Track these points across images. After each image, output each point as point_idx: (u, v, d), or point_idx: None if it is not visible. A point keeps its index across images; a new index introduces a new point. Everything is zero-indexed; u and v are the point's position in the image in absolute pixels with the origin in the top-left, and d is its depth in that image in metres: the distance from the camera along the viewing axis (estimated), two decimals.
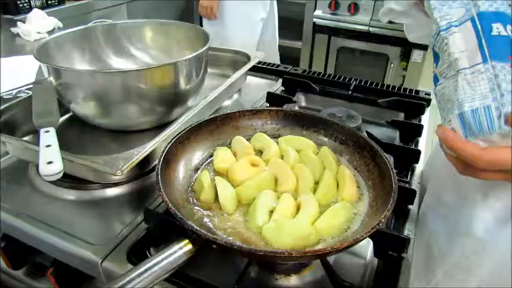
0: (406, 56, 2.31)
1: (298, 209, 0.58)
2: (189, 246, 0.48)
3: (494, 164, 0.42)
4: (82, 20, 1.24)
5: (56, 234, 0.63)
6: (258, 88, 1.10)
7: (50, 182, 0.72)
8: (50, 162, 0.57)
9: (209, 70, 0.89)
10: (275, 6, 2.18)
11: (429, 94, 1.01)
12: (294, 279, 0.58)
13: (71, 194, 0.71)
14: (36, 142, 0.64)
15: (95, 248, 0.60)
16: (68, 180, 0.71)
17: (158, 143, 0.69)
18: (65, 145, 0.63)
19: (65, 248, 0.61)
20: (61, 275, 0.65)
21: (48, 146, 0.62)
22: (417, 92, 1.02)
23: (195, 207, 0.59)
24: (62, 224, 0.64)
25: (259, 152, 0.71)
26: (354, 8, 2.28)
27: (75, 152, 0.65)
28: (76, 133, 0.85)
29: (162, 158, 0.60)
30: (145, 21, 0.98)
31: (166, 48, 0.98)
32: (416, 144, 0.86)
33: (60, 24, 1.61)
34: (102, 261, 0.58)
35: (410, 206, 0.68)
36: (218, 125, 0.73)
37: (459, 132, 0.44)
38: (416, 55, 2.27)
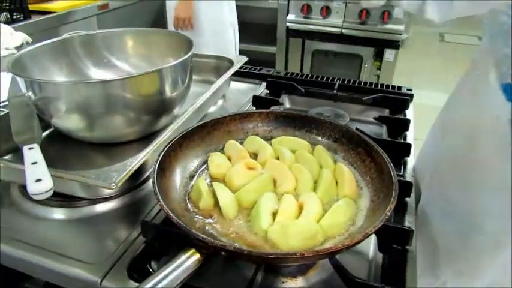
0: (379, 56, 2.36)
1: (300, 209, 0.57)
2: (197, 256, 0.46)
3: None
4: (50, 34, 1.20)
5: (47, 256, 0.59)
6: (242, 92, 1.09)
7: (36, 201, 0.68)
8: (38, 180, 0.54)
9: None
10: (235, 11, 2.20)
11: (411, 90, 1.02)
12: (300, 281, 0.57)
13: (59, 213, 0.68)
14: (18, 161, 0.61)
15: (92, 267, 0.57)
16: (55, 198, 0.67)
17: (150, 152, 0.67)
18: (48, 162, 0.60)
19: (58, 269, 0.58)
20: None
21: (34, 163, 0.59)
22: (399, 88, 1.03)
23: (195, 216, 0.58)
24: (53, 245, 0.61)
25: (254, 155, 0.70)
26: (326, 11, 2.31)
27: (60, 168, 0.62)
28: (58, 149, 0.81)
29: (156, 167, 0.58)
30: (125, 30, 0.96)
31: (147, 57, 0.96)
32: (405, 138, 0.87)
33: (29, 39, 1.55)
34: (101, 280, 0.55)
35: (407, 199, 0.69)
36: (209, 131, 0.71)
37: None
38: (388, 54, 2.32)
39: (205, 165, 0.68)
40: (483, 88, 0.57)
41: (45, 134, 0.84)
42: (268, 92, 1.05)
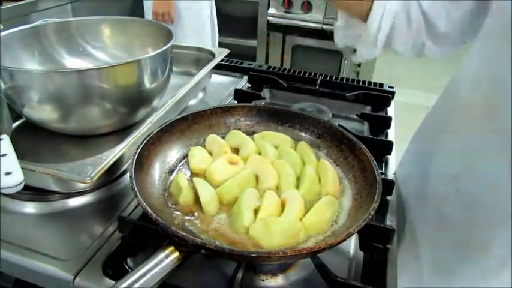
0: None
1: (283, 206, 0.56)
2: (176, 254, 0.45)
3: None
4: (23, 22, 1.14)
5: (17, 252, 0.57)
6: (223, 86, 1.07)
7: (5, 194, 0.65)
8: (8, 173, 0.51)
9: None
10: (213, 3, 2.18)
11: (393, 87, 1.03)
12: (280, 279, 0.56)
13: (30, 207, 0.65)
14: None
15: (64, 264, 0.54)
16: (26, 191, 0.64)
17: (126, 146, 0.64)
18: (19, 154, 0.57)
19: (29, 265, 0.55)
20: None
21: (4, 155, 0.56)
22: (381, 85, 1.03)
23: (175, 212, 0.56)
24: (24, 240, 0.58)
25: (235, 150, 0.68)
26: (307, 6, 2.30)
27: (32, 161, 0.59)
28: (30, 141, 0.77)
29: (134, 161, 0.56)
30: (102, 18, 0.92)
31: (125, 46, 0.92)
32: (386, 135, 0.87)
33: (0, 26, 1.48)
34: (74, 277, 0.52)
35: (388, 197, 0.68)
36: (190, 124, 0.69)
37: None
38: None
39: (185, 159, 0.66)
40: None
41: (15, 124, 0.80)
42: (249, 85, 1.04)
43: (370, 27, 0.64)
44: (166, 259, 0.44)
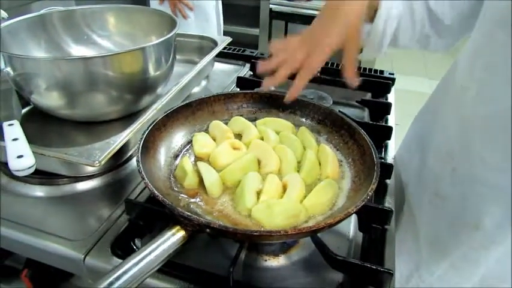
0: None
1: (284, 189, 0.58)
2: (182, 233, 0.47)
3: None
4: (24, 11, 1.15)
5: (29, 233, 0.59)
6: (226, 74, 1.09)
7: (15, 178, 0.67)
8: (20, 156, 0.53)
9: None
10: None
11: (393, 74, 1.04)
12: (282, 259, 0.58)
13: (40, 191, 0.67)
14: None
15: (75, 244, 0.57)
16: (36, 176, 0.66)
17: (133, 132, 0.66)
18: (28, 140, 0.59)
19: (41, 246, 0.58)
20: (37, 275, 0.62)
21: (15, 139, 0.58)
22: (382, 72, 1.05)
23: (180, 195, 0.58)
24: (34, 222, 0.61)
25: (238, 136, 0.70)
26: None
27: (41, 145, 0.61)
28: (38, 127, 0.79)
29: (141, 146, 0.58)
30: (106, 6, 0.94)
31: (130, 35, 0.94)
32: (386, 121, 0.88)
33: (5, 14, 1.49)
34: (85, 257, 0.55)
35: (387, 181, 0.70)
36: (194, 111, 0.71)
37: None
38: None
39: (190, 145, 0.68)
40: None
41: (24, 111, 0.82)
42: (252, 73, 1.05)
43: (374, 32, 0.65)
44: (172, 237, 0.46)
